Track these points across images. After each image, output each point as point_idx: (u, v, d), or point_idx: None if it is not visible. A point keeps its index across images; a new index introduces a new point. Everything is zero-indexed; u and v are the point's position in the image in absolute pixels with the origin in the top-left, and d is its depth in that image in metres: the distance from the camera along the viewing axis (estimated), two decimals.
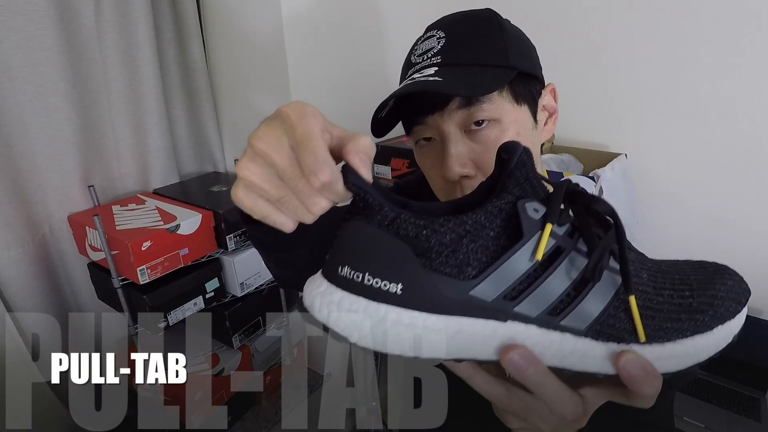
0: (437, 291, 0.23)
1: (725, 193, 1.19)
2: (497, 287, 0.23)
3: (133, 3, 1.01)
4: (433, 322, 0.23)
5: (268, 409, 1.29)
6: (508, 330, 0.24)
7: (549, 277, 0.24)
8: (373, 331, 0.23)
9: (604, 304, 0.25)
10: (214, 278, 1.07)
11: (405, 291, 0.23)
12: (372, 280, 0.23)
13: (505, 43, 0.46)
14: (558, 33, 1.29)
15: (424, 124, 0.47)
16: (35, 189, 0.98)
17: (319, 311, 0.24)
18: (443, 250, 0.23)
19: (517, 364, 0.24)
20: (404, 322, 0.23)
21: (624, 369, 0.25)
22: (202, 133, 1.28)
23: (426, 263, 0.23)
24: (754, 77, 1.07)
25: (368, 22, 1.28)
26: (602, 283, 0.25)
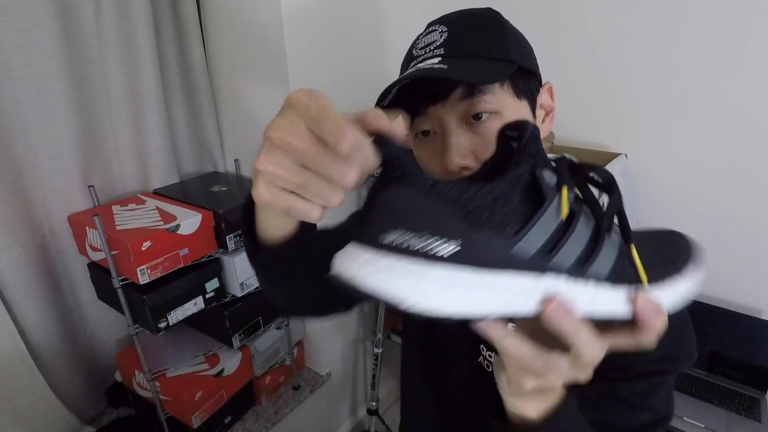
0: (487, 249, 0.24)
1: (725, 193, 1.19)
2: (535, 242, 0.26)
3: (133, 3, 1.01)
4: (484, 279, 0.24)
5: (268, 409, 1.29)
6: (545, 283, 0.26)
7: (573, 232, 0.27)
8: (429, 293, 0.23)
9: (615, 254, 0.29)
10: (214, 278, 1.07)
11: (459, 251, 0.24)
12: (424, 243, 0.23)
13: (506, 39, 0.46)
14: (558, 33, 1.29)
15: (426, 115, 0.47)
16: (35, 189, 0.98)
17: (370, 281, 0.23)
18: (483, 211, 0.25)
19: (558, 312, 0.26)
20: (458, 281, 0.24)
21: (641, 308, 0.28)
22: (202, 133, 1.28)
23: (472, 222, 0.24)
24: (754, 77, 1.07)
25: (369, 21, 1.28)
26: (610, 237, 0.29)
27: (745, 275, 1.22)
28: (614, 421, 0.47)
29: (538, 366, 0.30)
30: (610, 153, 1.23)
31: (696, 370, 1.28)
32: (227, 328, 1.11)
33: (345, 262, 0.25)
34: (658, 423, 0.47)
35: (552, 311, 0.26)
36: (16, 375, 0.97)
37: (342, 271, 0.24)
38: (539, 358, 0.30)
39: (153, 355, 1.11)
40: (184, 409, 1.05)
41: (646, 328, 0.29)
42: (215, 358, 1.15)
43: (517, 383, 0.32)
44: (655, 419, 0.47)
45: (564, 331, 0.27)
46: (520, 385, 0.32)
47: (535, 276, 0.26)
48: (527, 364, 0.30)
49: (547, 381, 0.31)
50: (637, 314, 0.29)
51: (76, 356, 1.11)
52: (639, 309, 0.29)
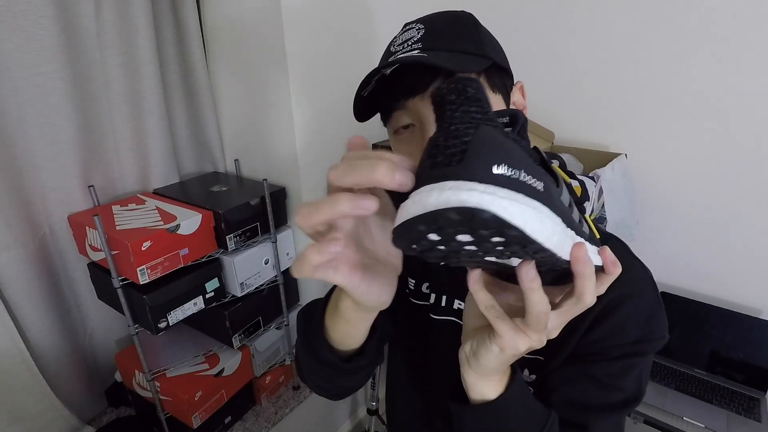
0: (552, 192, 0.27)
1: (725, 193, 1.19)
2: (566, 196, 0.30)
3: (133, 3, 1.01)
4: (557, 218, 0.27)
5: (268, 409, 1.29)
6: (569, 233, 0.29)
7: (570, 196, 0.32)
8: (532, 221, 0.24)
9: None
10: (214, 278, 1.07)
11: (545, 189, 0.26)
12: (526, 177, 0.25)
13: (481, 38, 0.48)
14: (558, 33, 1.29)
15: (404, 108, 0.47)
16: (35, 189, 0.98)
17: (496, 207, 0.23)
18: (538, 163, 0.28)
19: (586, 256, 0.30)
20: (548, 216, 0.26)
21: (608, 257, 0.34)
22: (202, 133, 1.28)
23: (541, 171, 0.27)
24: (755, 77, 1.07)
25: (369, 21, 1.28)
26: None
27: (745, 275, 1.22)
28: (584, 400, 0.49)
29: (543, 321, 0.33)
30: (610, 153, 1.23)
31: (696, 370, 1.28)
32: (227, 328, 1.11)
33: (462, 193, 0.24)
34: (627, 403, 0.49)
35: (584, 254, 0.30)
36: (16, 375, 0.97)
37: (461, 200, 0.24)
38: (548, 313, 0.33)
39: (153, 355, 1.11)
40: (184, 409, 1.05)
41: (610, 271, 0.34)
42: (215, 358, 1.15)
43: (514, 346, 0.35)
44: (625, 399, 0.49)
45: (585, 274, 0.31)
46: (516, 347, 0.35)
47: (566, 225, 0.29)
48: (542, 317, 0.32)
49: (539, 337, 0.34)
50: (605, 261, 0.34)
51: (76, 356, 1.11)
52: (607, 257, 0.34)
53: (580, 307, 0.34)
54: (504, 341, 0.35)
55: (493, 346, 0.36)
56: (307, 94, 1.14)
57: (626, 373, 0.49)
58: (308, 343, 0.48)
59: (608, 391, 0.49)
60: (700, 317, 1.24)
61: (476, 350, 0.39)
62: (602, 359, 0.49)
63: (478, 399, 0.41)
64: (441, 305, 0.60)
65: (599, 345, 0.49)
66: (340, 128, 1.26)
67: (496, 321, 0.35)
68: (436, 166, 0.26)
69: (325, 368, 0.48)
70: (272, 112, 1.17)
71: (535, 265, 0.31)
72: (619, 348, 0.48)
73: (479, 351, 0.38)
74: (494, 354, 0.37)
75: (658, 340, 0.49)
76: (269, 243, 1.17)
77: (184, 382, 1.08)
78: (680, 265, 1.31)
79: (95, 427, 1.15)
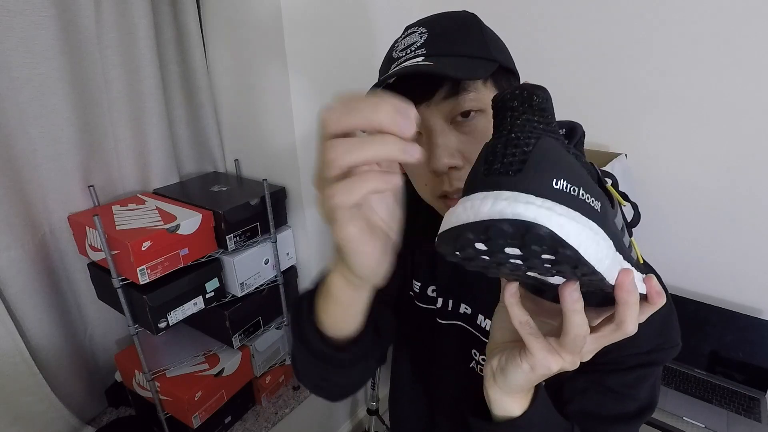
0: (608, 214, 0.26)
1: (725, 193, 1.19)
2: (619, 219, 0.29)
3: (133, 3, 1.01)
4: (609, 241, 0.26)
5: (268, 409, 1.29)
6: (618, 257, 0.28)
7: (622, 219, 0.31)
8: (587, 242, 0.23)
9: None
10: (214, 278, 1.07)
11: (601, 209, 0.25)
12: (585, 195, 0.24)
13: (485, 39, 0.47)
14: (558, 33, 1.29)
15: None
16: (35, 189, 0.98)
17: (554, 223, 0.22)
18: (597, 181, 0.27)
19: (633, 284, 0.29)
20: (603, 238, 0.25)
21: (653, 287, 0.32)
22: (202, 133, 1.28)
23: (601, 190, 0.27)
24: (755, 76, 1.07)
25: (370, 20, 1.28)
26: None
27: (745, 275, 1.22)
28: (600, 411, 0.48)
29: (580, 344, 0.32)
30: (610, 153, 1.23)
31: (696, 370, 1.28)
32: (227, 328, 1.11)
33: (518, 205, 0.23)
34: (641, 412, 0.48)
35: (630, 282, 0.28)
36: (16, 375, 0.97)
37: (517, 213, 0.23)
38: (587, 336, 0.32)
39: (153, 355, 1.11)
40: (184, 409, 1.05)
41: (654, 301, 0.32)
42: (215, 358, 1.15)
43: (547, 366, 0.34)
44: (639, 408, 0.48)
45: (629, 302, 0.29)
46: (549, 366, 0.34)
47: (615, 249, 0.28)
48: (579, 340, 0.31)
49: (573, 359, 0.33)
50: (650, 292, 0.32)
51: (76, 356, 1.11)
52: (652, 287, 0.32)
53: (619, 335, 0.32)
54: (536, 360, 0.34)
55: (524, 363, 0.35)
56: (307, 94, 1.14)
57: (640, 383, 0.48)
58: (300, 334, 0.46)
59: (623, 401, 0.48)
60: (700, 317, 1.24)
61: (504, 366, 0.37)
62: (616, 369, 0.48)
63: (501, 415, 0.40)
64: (448, 309, 0.59)
65: (612, 355, 0.46)
66: None
67: (529, 338, 0.34)
68: (491, 173, 0.25)
69: (318, 362, 0.46)
70: (272, 112, 1.17)
71: (579, 286, 0.30)
72: (633, 358, 0.47)
73: (507, 367, 0.37)
74: (524, 372, 0.35)
75: (672, 348, 0.48)
76: (269, 243, 1.17)
77: (184, 382, 1.08)
78: (680, 265, 1.31)
79: (95, 427, 1.15)
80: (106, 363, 1.20)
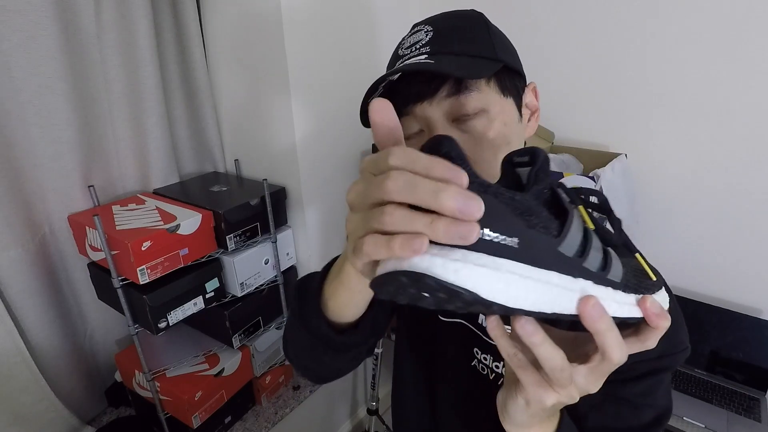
0: (539, 246, 0.26)
1: (725, 193, 1.19)
2: (572, 245, 0.28)
3: (133, 3, 1.01)
4: (538, 274, 0.25)
5: (268, 409, 1.29)
6: (579, 284, 0.28)
7: (593, 240, 0.29)
8: (498, 285, 0.23)
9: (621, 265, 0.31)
10: (214, 278, 1.07)
11: (520, 245, 0.24)
12: (492, 235, 0.24)
13: (492, 39, 0.47)
14: (558, 33, 1.29)
15: (412, 114, 0.46)
16: (35, 189, 0.98)
17: (443, 271, 0.22)
18: (532, 213, 0.26)
19: (597, 310, 0.27)
20: (521, 274, 0.24)
21: (649, 309, 0.31)
22: (202, 133, 1.28)
23: (526, 223, 0.26)
24: (754, 77, 1.07)
25: (369, 19, 1.28)
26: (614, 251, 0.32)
27: (745, 275, 1.22)
28: (618, 423, 0.47)
29: (566, 376, 0.30)
30: (610, 153, 1.23)
31: (696, 370, 1.28)
32: (227, 328, 1.11)
33: (415, 257, 0.23)
34: (660, 419, 0.48)
35: (591, 309, 0.27)
36: (16, 375, 0.97)
37: (411, 265, 0.23)
38: (568, 368, 0.30)
39: (153, 355, 1.11)
40: (184, 409, 1.05)
41: (654, 324, 0.31)
42: (215, 358, 1.15)
43: (539, 400, 0.32)
44: (657, 416, 0.47)
45: (599, 330, 0.28)
46: (542, 401, 0.32)
47: (572, 277, 0.27)
48: (558, 373, 0.30)
49: (568, 392, 0.31)
50: (646, 313, 0.31)
51: (76, 356, 1.11)
52: (648, 308, 0.31)
53: (608, 365, 0.30)
54: (528, 394, 0.32)
55: (519, 398, 0.34)
56: (307, 94, 1.14)
57: (654, 390, 0.47)
58: (301, 312, 0.47)
59: (640, 410, 0.47)
60: (700, 317, 1.24)
61: (505, 401, 0.36)
62: (628, 378, 0.46)
63: None
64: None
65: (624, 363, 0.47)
66: (340, 128, 1.26)
67: (518, 371, 0.32)
68: None
69: (314, 341, 0.47)
70: (272, 112, 1.17)
71: (531, 319, 0.28)
72: (644, 365, 0.46)
73: (507, 402, 0.36)
74: (520, 407, 0.34)
75: (682, 352, 0.47)
76: (269, 243, 1.17)
77: (184, 382, 1.08)
78: (680, 265, 1.31)
79: (95, 427, 1.15)
80: (106, 363, 1.20)
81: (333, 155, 1.28)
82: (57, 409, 1.05)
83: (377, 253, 0.25)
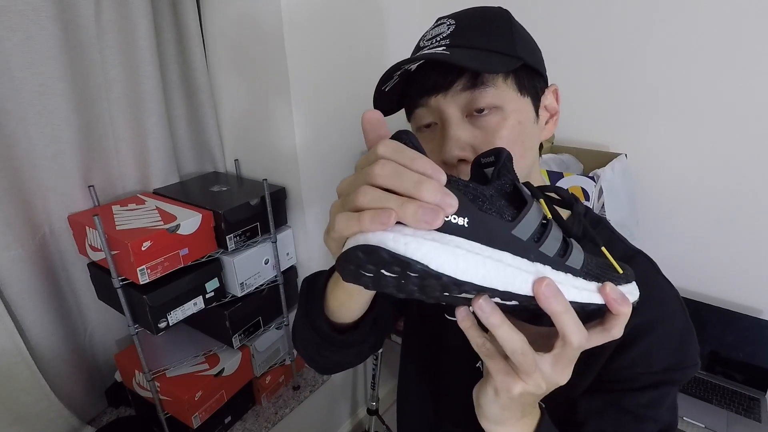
0: (491, 228, 0.28)
1: (725, 193, 1.19)
2: (527, 230, 0.29)
3: (133, 3, 1.01)
4: (489, 252, 0.27)
5: (268, 409, 1.29)
6: (535, 267, 0.29)
7: (551, 229, 0.31)
8: (446, 257, 0.25)
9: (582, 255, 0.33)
10: (214, 278, 1.07)
11: (470, 224, 0.27)
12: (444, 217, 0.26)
13: (514, 36, 0.46)
14: (558, 33, 1.29)
15: (427, 106, 0.46)
16: (35, 189, 0.98)
17: (395, 244, 0.24)
18: (485, 201, 0.29)
19: (551, 290, 0.28)
20: (470, 250, 0.26)
21: (609, 294, 0.31)
22: (202, 133, 1.28)
23: (478, 207, 0.28)
24: (754, 77, 1.07)
25: (368, 19, 1.28)
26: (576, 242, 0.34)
27: (745, 275, 1.22)
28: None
29: (529, 360, 0.31)
30: (610, 153, 1.23)
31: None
32: (227, 328, 1.12)
33: (368, 233, 0.26)
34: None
35: (546, 289, 0.28)
36: (16, 375, 0.97)
37: (366, 239, 0.25)
38: (530, 351, 0.31)
39: (153, 355, 1.11)
40: (184, 409, 1.05)
41: (615, 310, 0.31)
42: (215, 358, 1.15)
43: (507, 388, 0.32)
44: (660, 431, 0.46)
45: (555, 311, 0.29)
46: (509, 389, 0.32)
47: (528, 260, 0.29)
48: (519, 356, 0.30)
49: (534, 380, 0.32)
50: (606, 299, 0.31)
51: (76, 356, 1.11)
52: (608, 294, 0.31)
53: (570, 349, 0.31)
54: (496, 382, 0.33)
55: (488, 388, 0.34)
56: (307, 94, 1.14)
57: (658, 403, 0.46)
58: (306, 308, 0.49)
59: (641, 422, 0.46)
60: (700, 317, 1.24)
61: (477, 395, 0.36)
62: (631, 389, 0.46)
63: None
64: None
65: (626, 372, 0.46)
66: (341, 128, 1.26)
67: (487, 360, 0.33)
68: None
69: (316, 337, 0.48)
70: (272, 112, 1.17)
71: (489, 299, 0.29)
72: (648, 377, 0.46)
73: (479, 395, 0.36)
74: (490, 397, 0.34)
75: (690, 368, 0.46)
76: (269, 243, 1.17)
77: (184, 382, 1.08)
78: (680, 265, 1.31)
79: (95, 427, 1.15)
80: (106, 363, 1.20)
81: (333, 155, 1.28)
82: (57, 409, 1.05)
83: (348, 228, 0.26)
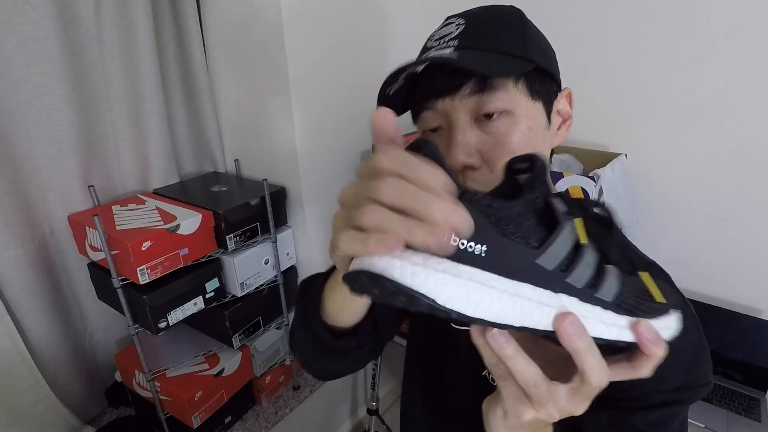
0: (513, 256, 0.25)
1: (725, 193, 1.19)
2: (554, 259, 0.26)
3: (133, 3, 1.01)
4: (506, 284, 0.24)
5: (268, 409, 1.29)
6: (559, 300, 0.27)
7: (584, 256, 0.28)
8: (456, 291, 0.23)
9: (618, 284, 0.29)
10: (214, 278, 1.07)
11: (488, 253, 0.24)
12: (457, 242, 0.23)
13: (526, 37, 0.44)
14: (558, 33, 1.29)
15: (434, 109, 0.44)
16: (35, 189, 0.98)
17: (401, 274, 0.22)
18: (509, 222, 0.25)
19: (574, 328, 0.26)
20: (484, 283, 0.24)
21: (641, 333, 0.28)
22: (202, 133, 1.28)
23: (500, 232, 0.25)
24: (754, 77, 1.07)
25: (369, 20, 1.28)
26: (614, 269, 0.30)
27: (745, 275, 1.22)
28: None
29: (542, 392, 0.29)
30: (610, 153, 1.23)
31: None
32: (227, 328, 1.11)
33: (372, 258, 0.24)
34: None
35: (568, 326, 0.26)
36: (16, 375, 0.97)
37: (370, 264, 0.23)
38: (544, 383, 0.29)
39: (153, 355, 1.11)
40: (184, 409, 1.05)
41: (647, 351, 0.29)
42: (215, 358, 1.15)
43: (516, 413, 0.31)
44: None
45: (577, 349, 0.27)
46: (519, 415, 0.31)
47: (551, 292, 0.26)
48: (531, 388, 0.29)
49: (546, 410, 0.30)
50: (639, 338, 0.28)
51: (76, 356, 1.11)
52: (640, 333, 0.28)
53: (588, 388, 0.29)
54: (506, 405, 0.31)
55: (498, 408, 0.33)
56: (307, 94, 1.14)
57: (668, 423, 0.45)
58: (303, 312, 0.47)
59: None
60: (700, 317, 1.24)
61: (486, 411, 0.35)
62: (640, 407, 0.44)
63: None
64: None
65: (637, 390, 0.44)
66: (341, 128, 1.26)
67: (499, 380, 0.31)
68: None
69: (312, 341, 0.47)
70: (272, 112, 1.17)
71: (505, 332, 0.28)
72: (659, 395, 0.44)
73: (488, 412, 0.34)
74: (499, 417, 0.33)
75: (704, 387, 0.45)
76: (269, 243, 1.17)
77: (184, 382, 1.08)
78: (680, 265, 1.30)
79: (95, 427, 1.15)
80: (106, 363, 1.20)
81: (333, 155, 1.28)
82: (57, 409, 1.05)
83: (351, 249, 0.24)
